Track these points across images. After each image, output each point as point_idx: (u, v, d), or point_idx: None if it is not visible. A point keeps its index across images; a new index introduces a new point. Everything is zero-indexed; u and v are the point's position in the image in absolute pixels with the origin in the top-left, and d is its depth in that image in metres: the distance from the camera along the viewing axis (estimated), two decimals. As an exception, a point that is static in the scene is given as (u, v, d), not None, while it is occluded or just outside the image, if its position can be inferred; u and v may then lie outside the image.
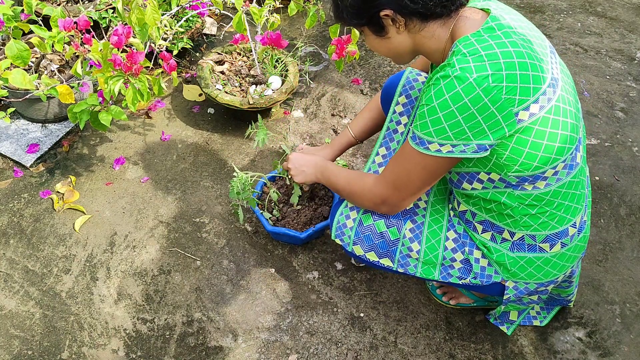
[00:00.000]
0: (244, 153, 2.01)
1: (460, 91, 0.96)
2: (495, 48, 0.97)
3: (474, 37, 1.00)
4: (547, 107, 1.00)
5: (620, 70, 2.42)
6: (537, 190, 1.10)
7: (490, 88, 0.95)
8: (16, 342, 1.49)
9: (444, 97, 0.98)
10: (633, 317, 1.56)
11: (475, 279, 1.26)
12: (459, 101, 0.97)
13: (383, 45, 1.13)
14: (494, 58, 0.96)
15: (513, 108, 0.97)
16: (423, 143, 1.04)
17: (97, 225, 1.76)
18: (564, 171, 1.10)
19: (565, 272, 1.25)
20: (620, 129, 2.14)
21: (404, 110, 1.41)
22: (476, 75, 0.95)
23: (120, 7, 1.61)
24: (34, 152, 1.94)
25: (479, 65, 0.96)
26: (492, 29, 1.01)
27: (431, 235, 1.27)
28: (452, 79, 0.97)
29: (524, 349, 1.49)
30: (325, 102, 2.21)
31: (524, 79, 0.97)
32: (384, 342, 1.50)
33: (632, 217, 1.82)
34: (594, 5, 2.85)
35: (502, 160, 1.04)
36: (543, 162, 1.04)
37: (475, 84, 0.95)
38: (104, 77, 1.50)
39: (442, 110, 0.98)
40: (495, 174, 1.09)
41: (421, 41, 1.09)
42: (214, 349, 1.49)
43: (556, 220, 1.16)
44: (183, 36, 2.19)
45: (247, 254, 1.70)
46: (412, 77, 1.42)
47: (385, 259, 1.30)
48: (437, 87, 0.99)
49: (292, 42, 2.45)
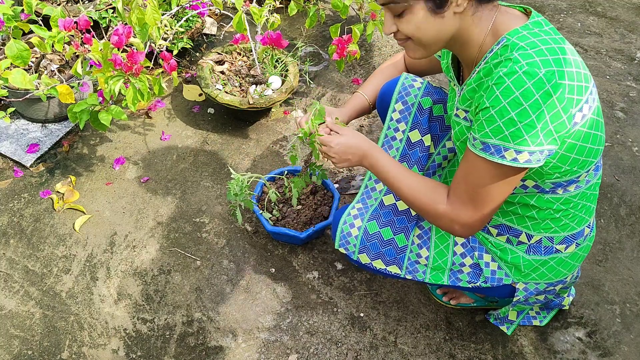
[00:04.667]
0: (244, 153, 2.01)
1: (531, 87, 0.89)
2: (551, 43, 0.93)
3: (524, 29, 0.94)
4: (593, 107, 0.97)
5: (620, 70, 2.42)
6: (567, 193, 1.09)
7: (557, 85, 0.90)
8: (16, 342, 1.49)
9: (514, 95, 0.91)
10: (633, 317, 1.56)
11: (486, 282, 1.25)
12: (531, 98, 0.89)
13: (433, 25, 0.98)
14: (554, 53, 0.91)
15: (572, 109, 0.93)
16: (499, 151, 0.95)
17: (97, 225, 1.76)
18: (592, 173, 1.09)
19: (573, 272, 1.26)
20: (620, 129, 2.14)
21: (401, 117, 1.38)
22: (544, 71, 0.89)
23: (120, 7, 1.61)
24: (34, 152, 1.94)
25: (544, 60, 0.90)
26: (539, 23, 0.96)
27: (439, 240, 1.26)
28: (521, 74, 0.90)
29: (524, 349, 1.49)
30: (325, 102, 2.21)
31: (579, 77, 0.93)
32: (384, 342, 1.50)
33: (632, 217, 1.82)
34: (594, 5, 2.85)
35: (547, 168, 1.00)
36: (582, 166, 1.02)
37: (545, 80, 0.89)
38: (104, 77, 1.50)
39: (514, 109, 0.91)
40: (531, 180, 1.05)
41: (468, 28, 1.00)
42: (214, 348, 1.49)
43: (577, 221, 1.15)
44: (183, 36, 2.19)
45: (247, 254, 1.70)
46: (408, 83, 1.38)
47: (392, 266, 1.29)
48: (502, 86, 0.92)
49: (292, 42, 2.45)
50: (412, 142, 1.36)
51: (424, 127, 1.36)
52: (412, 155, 1.36)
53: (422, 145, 1.36)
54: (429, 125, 1.36)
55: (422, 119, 1.36)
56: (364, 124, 2.14)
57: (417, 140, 1.36)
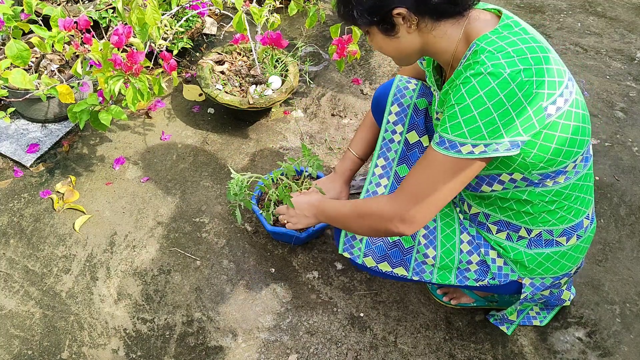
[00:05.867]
0: (244, 153, 2.01)
1: (496, 87, 0.95)
2: (519, 44, 0.97)
3: (494, 34, 0.99)
4: (570, 100, 1.01)
5: (620, 70, 2.42)
6: (557, 185, 1.11)
7: (524, 82, 0.95)
8: (16, 342, 1.49)
9: (478, 94, 0.96)
10: (633, 317, 1.56)
11: (494, 279, 1.26)
12: (495, 97, 0.95)
13: (391, 45, 1.10)
14: (521, 53, 0.96)
15: (543, 102, 0.97)
16: (454, 146, 1.00)
17: (97, 225, 1.76)
18: (581, 164, 1.11)
19: (577, 264, 1.26)
20: (620, 129, 2.14)
21: (398, 119, 1.38)
22: (509, 71, 0.95)
23: (120, 7, 1.61)
24: (34, 152, 1.94)
25: (509, 61, 0.95)
26: (509, 26, 1.01)
27: (445, 239, 1.26)
28: (486, 75, 0.95)
29: (524, 349, 1.49)
30: (325, 102, 2.21)
31: (550, 72, 0.98)
32: (384, 342, 1.50)
33: (632, 217, 1.82)
34: (594, 5, 2.85)
35: (528, 159, 1.03)
36: (566, 156, 1.05)
37: (509, 79, 0.94)
38: (104, 77, 1.50)
39: (477, 108, 0.96)
40: (518, 173, 1.08)
41: (432, 41, 1.07)
42: (214, 348, 1.49)
43: (573, 213, 1.17)
44: (183, 36, 2.19)
45: (247, 254, 1.70)
46: (402, 85, 1.40)
47: (399, 268, 1.28)
48: (468, 85, 0.97)
49: (292, 42, 2.45)
50: (410, 144, 1.37)
51: (421, 128, 1.36)
52: (412, 157, 1.36)
53: (421, 146, 1.36)
54: (425, 126, 1.37)
55: (418, 120, 1.37)
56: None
57: (415, 141, 1.36)
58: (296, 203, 1.40)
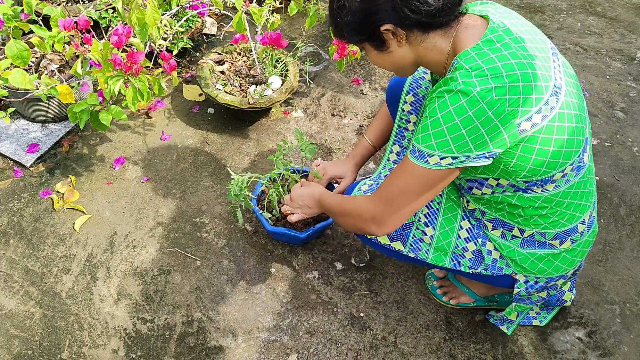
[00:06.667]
0: (244, 153, 2.01)
1: (465, 104, 0.97)
2: (496, 62, 0.98)
3: (474, 51, 1.00)
4: (549, 115, 1.01)
5: (620, 70, 2.42)
6: (546, 192, 1.11)
7: (494, 101, 0.96)
8: (16, 342, 1.49)
9: (447, 110, 0.98)
10: (633, 317, 1.56)
11: (487, 270, 1.28)
12: (463, 114, 0.97)
13: (385, 59, 1.13)
14: (496, 72, 0.97)
15: (515, 119, 0.98)
16: (423, 156, 1.04)
17: (97, 225, 1.76)
18: (572, 173, 1.11)
19: (575, 267, 1.26)
20: (620, 129, 2.14)
21: (412, 109, 1.42)
22: (479, 89, 0.96)
23: (120, 7, 1.61)
24: (34, 152, 1.94)
25: (482, 80, 0.97)
26: (491, 41, 1.01)
27: (446, 222, 1.28)
28: (457, 92, 0.97)
29: (524, 349, 1.49)
30: (325, 102, 2.21)
31: (527, 90, 0.98)
32: (384, 342, 1.50)
33: (632, 217, 1.82)
34: (594, 5, 2.85)
35: (509, 167, 1.05)
36: (550, 167, 1.05)
37: (479, 98, 0.96)
38: (104, 77, 1.50)
39: (446, 123, 0.99)
40: (504, 179, 1.09)
41: (423, 53, 1.09)
42: (214, 348, 1.49)
43: (566, 218, 1.17)
44: (183, 36, 2.19)
45: (247, 254, 1.70)
46: (419, 75, 1.42)
47: (397, 242, 1.30)
48: (441, 100, 1.00)
49: (292, 42, 2.45)
50: None
51: None
52: None
53: None
54: None
55: None
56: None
57: None
58: (298, 195, 1.44)
